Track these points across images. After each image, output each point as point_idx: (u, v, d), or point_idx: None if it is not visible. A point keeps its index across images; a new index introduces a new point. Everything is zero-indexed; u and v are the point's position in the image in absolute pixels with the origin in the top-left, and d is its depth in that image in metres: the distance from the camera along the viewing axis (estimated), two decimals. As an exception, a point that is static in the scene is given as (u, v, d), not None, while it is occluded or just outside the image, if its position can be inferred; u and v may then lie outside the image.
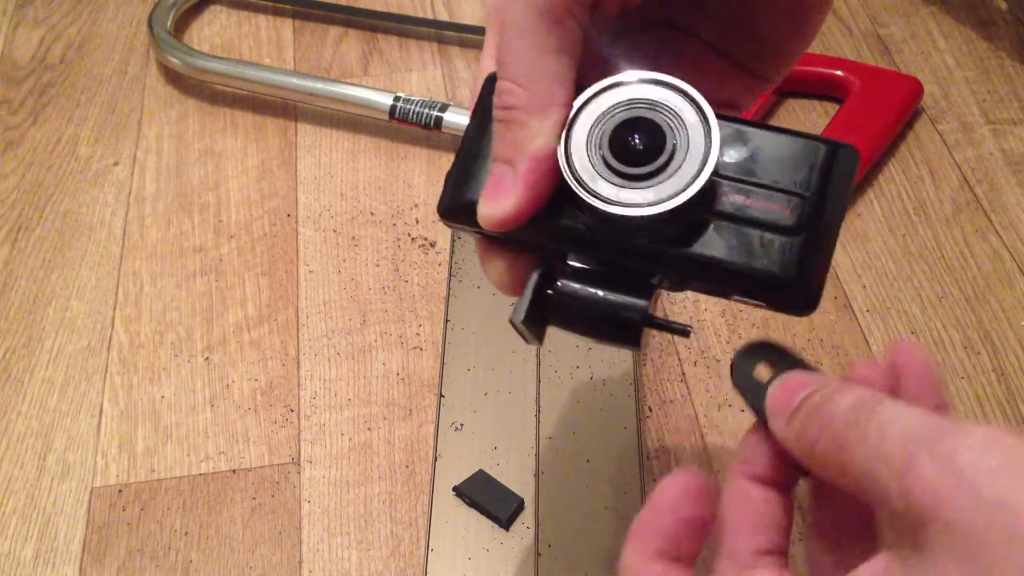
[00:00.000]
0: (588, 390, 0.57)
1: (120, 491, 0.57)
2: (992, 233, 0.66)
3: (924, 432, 0.25)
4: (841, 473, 0.28)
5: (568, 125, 0.32)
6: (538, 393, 0.57)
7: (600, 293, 0.33)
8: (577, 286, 0.33)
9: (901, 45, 0.79)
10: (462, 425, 0.56)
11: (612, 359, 0.58)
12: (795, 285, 0.32)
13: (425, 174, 0.72)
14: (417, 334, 0.63)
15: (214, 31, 0.86)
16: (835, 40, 0.80)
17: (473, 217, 0.33)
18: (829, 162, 0.32)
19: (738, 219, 0.32)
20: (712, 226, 0.32)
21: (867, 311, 0.62)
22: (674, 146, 0.31)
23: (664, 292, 0.39)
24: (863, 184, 0.69)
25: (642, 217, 0.31)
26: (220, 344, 0.63)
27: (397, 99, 0.72)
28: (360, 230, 0.69)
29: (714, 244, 0.32)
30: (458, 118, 0.71)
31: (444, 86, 0.79)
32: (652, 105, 0.32)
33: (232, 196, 0.72)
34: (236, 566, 0.53)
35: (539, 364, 0.58)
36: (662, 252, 0.32)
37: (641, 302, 0.32)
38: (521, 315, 0.33)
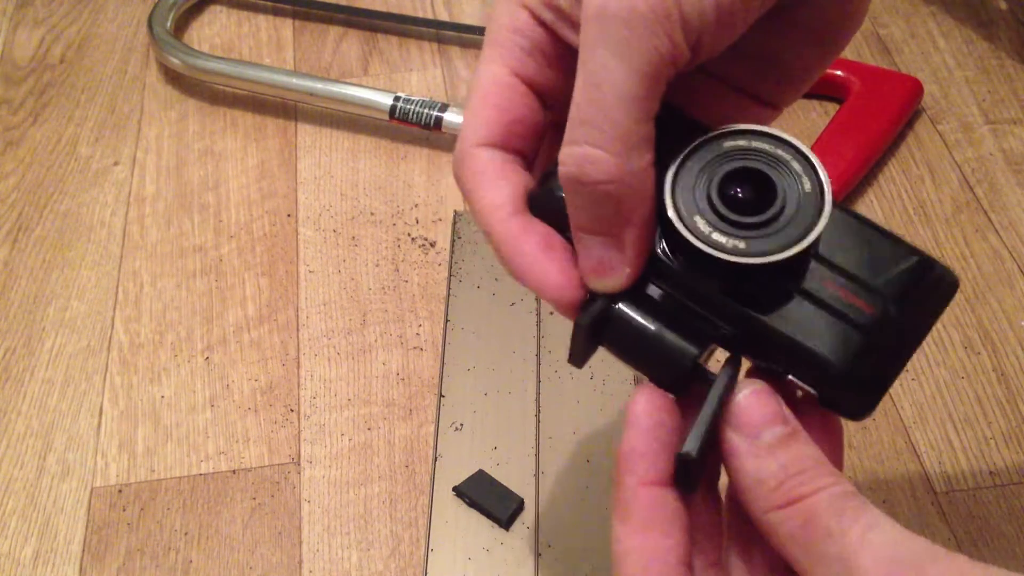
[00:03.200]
0: (588, 390, 0.57)
1: (120, 491, 0.57)
2: (992, 233, 0.66)
3: (908, 556, 0.27)
4: (811, 567, 0.28)
5: (674, 173, 0.31)
6: (538, 393, 0.57)
7: (653, 327, 0.32)
8: (635, 314, 0.32)
9: (901, 45, 0.79)
10: (462, 425, 0.56)
11: (612, 359, 0.58)
12: (851, 381, 0.30)
13: (425, 174, 0.72)
14: (417, 334, 0.63)
15: (214, 31, 0.86)
16: (835, 40, 0.80)
17: (560, 217, 0.32)
18: (924, 276, 0.31)
19: (816, 301, 0.31)
20: (789, 299, 0.31)
21: (867, 311, 0.62)
22: (784, 199, 0.30)
23: None
24: (863, 184, 0.69)
25: (755, 265, 0.30)
26: (220, 344, 0.63)
27: (397, 99, 0.72)
28: (360, 230, 0.69)
29: (785, 316, 0.31)
30: (458, 118, 0.71)
31: (444, 86, 0.79)
32: (759, 157, 0.31)
33: (232, 196, 0.72)
34: (236, 566, 0.53)
35: (539, 364, 0.58)
36: (732, 307, 0.31)
37: (693, 348, 0.31)
38: (587, 319, 0.33)
